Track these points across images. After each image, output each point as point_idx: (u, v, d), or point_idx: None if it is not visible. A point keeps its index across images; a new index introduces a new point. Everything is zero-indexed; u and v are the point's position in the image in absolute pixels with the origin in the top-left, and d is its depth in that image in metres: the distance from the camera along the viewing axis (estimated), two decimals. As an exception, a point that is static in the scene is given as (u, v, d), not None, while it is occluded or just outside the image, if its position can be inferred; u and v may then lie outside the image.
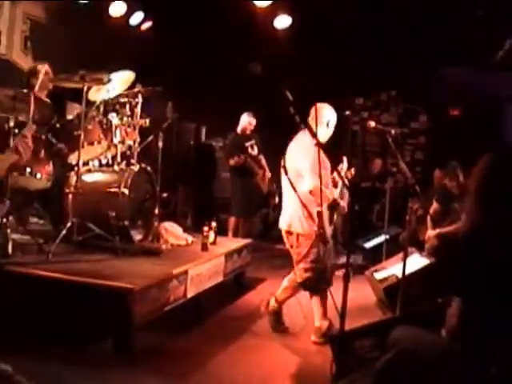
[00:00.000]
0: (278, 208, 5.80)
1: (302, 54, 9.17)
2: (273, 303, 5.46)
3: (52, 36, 8.15)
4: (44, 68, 6.05)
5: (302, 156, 5.07)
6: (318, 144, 4.23)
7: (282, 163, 5.26)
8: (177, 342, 4.80)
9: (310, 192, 4.95)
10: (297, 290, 5.31)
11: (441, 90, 10.86)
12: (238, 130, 8.76)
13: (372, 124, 6.27)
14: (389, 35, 9.26)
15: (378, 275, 6.34)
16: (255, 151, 8.62)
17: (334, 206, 5.15)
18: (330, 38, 9.30)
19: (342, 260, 8.23)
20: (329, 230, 5.14)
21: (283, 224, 5.27)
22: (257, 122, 8.75)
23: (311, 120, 5.06)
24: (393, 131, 6.03)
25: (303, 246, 5.07)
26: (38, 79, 5.94)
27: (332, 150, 5.28)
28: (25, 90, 5.38)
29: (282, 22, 9.20)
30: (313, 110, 5.03)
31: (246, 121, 8.74)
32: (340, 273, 6.62)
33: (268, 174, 8.66)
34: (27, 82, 6.05)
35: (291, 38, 9.20)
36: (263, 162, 8.69)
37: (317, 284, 5.10)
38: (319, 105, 5.13)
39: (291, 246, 5.22)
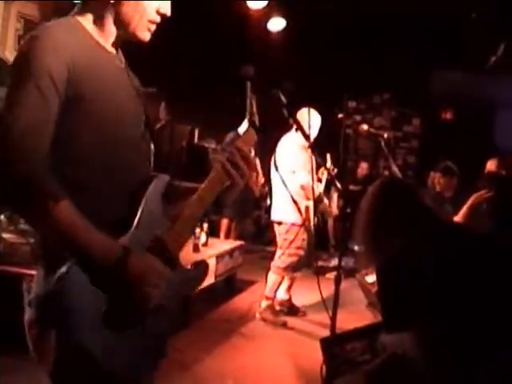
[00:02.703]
0: (270, 210, 6.11)
1: (294, 57, 9.18)
2: (265, 302, 5.70)
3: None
4: None
5: (294, 154, 5.63)
6: (311, 146, 4.37)
7: (273, 160, 5.74)
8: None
9: (302, 187, 5.59)
10: (281, 275, 5.88)
11: (434, 93, 10.90)
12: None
13: (365, 127, 6.32)
14: (381, 38, 9.27)
15: (370, 278, 6.35)
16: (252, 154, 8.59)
17: (318, 200, 5.91)
18: (323, 41, 9.31)
19: (334, 263, 8.27)
20: (312, 222, 5.84)
21: (276, 216, 5.89)
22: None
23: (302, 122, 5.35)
24: (385, 135, 6.07)
25: (291, 234, 5.70)
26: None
27: (325, 152, 5.38)
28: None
29: (276, 24, 9.20)
30: (303, 114, 5.35)
31: None
32: (331, 276, 6.70)
33: (261, 177, 8.67)
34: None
35: (284, 41, 9.21)
36: (257, 165, 8.69)
37: (297, 267, 5.86)
38: (309, 109, 5.48)
39: (280, 234, 5.86)
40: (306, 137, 2.72)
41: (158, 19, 1.96)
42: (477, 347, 2.34)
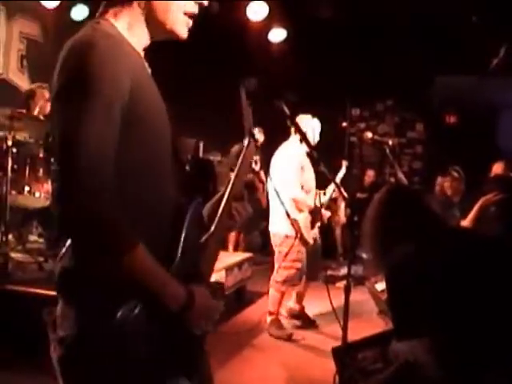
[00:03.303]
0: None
1: (296, 67, 9.20)
2: (269, 317, 5.67)
3: (48, 54, 8.18)
4: (44, 93, 6.09)
5: (287, 165, 5.58)
6: (312, 155, 4.38)
7: (269, 170, 5.60)
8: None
9: (293, 200, 5.51)
10: (279, 289, 5.75)
11: (437, 97, 10.89)
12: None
13: (369, 135, 6.30)
14: (382, 44, 9.29)
15: (379, 286, 6.32)
16: (258, 166, 8.58)
17: (315, 212, 5.65)
18: (324, 50, 9.33)
19: (343, 271, 8.24)
20: (310, 233, 5.71)
21: (271, 227, 5.83)
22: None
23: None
24: (390, 142, 6.05)
25: (285, 246, 5.55)
26: (37, 103, 5.99)
27: (329, 161, 5.36)
28: (22, 110, 5.39)
29: (277, 35, 9.23)
30: (301, 121, 5.41)
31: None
32: (341, 284, 6.68)
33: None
34: (25, 103, 6.07)
35: (286, 51, 9.24)
36: (263, 176, 8.68)
37: (295, 281, 5.71)
38: (301, 116, 5.49)
39: (275, 246, 5.76)
40: (311, 147, 2.70)
41: (195, 10, 1.82)
42: (485, 351, 2.33)
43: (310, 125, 5.76)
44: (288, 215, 5.12)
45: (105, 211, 1.48)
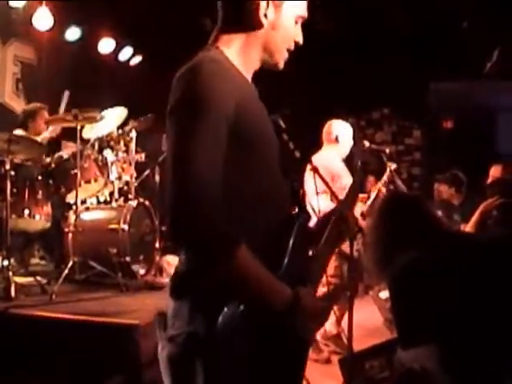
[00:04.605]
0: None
1: (291, 78, 9.21)
2: None
3: (43, 77, 8.21)
4: (43, 113, 6.11)
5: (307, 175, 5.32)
6: (314, 167, 4.34)
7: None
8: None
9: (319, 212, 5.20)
10: None
11: (433, 103, 10.92)
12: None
13: (366, 144, 6.30)
14: (376, 53, 9.32)
15: (383, 294, 6.31)
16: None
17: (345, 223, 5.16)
18: (318, 59, 9.35)
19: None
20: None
21: None
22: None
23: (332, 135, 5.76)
24: (387, 150, 6.05)
25: None
26: (36, 123, 6.02)
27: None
28: (19, 132, 5.39)
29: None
30: (335, 125, 5.55)
31: None
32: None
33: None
34: (23, 123, 6.09)
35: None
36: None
37: (335, 297, 5.31)
38: (330, 121, 5.40)
39: None
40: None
41: (292, 47, 2.03)
42: (490, 356, 2.33)
43: (342, 131, 5.72)
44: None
45: (211, 218, 1.60)
